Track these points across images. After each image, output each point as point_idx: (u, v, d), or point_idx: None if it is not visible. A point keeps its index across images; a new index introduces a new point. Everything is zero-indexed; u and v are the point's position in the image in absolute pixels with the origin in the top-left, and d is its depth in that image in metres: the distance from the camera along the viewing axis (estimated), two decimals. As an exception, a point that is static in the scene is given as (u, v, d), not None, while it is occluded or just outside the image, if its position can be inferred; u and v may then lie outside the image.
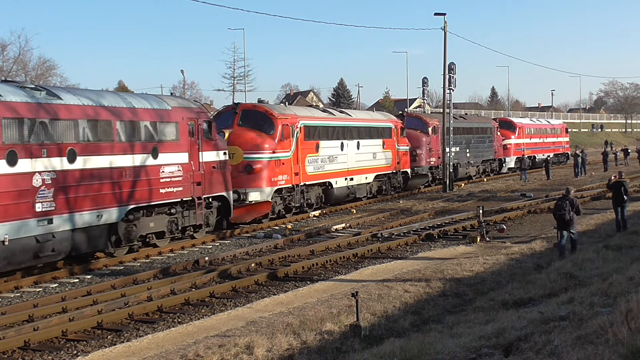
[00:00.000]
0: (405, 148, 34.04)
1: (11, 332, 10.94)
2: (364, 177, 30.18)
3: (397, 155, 32.96)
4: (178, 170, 19.44)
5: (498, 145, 46.22)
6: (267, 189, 23.72)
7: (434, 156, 37.54)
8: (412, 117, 38.60)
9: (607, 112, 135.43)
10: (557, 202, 17.17)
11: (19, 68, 61.44)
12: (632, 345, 6.54)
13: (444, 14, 36.86)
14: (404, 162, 33.96)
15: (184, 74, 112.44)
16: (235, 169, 22.92)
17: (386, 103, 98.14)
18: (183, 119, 19.81)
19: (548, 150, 54.06)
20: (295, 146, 25.23)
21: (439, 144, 37.57)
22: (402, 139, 33.67)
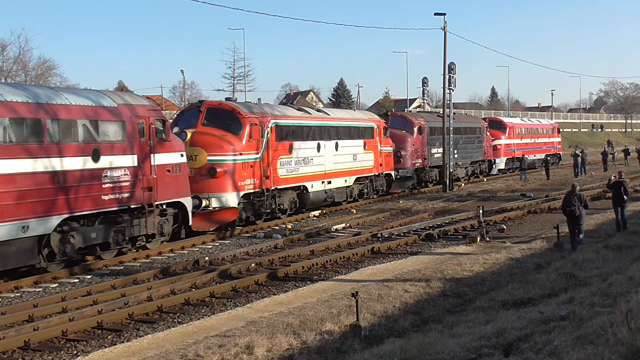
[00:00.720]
0: (388, 149, 32.38)
1: (11, 332, 10.94)
2: (343, 180, 28.51)
3: (380, 157, 31.35)
4: (125, 175, 17.42)
5: (488, 146, 44.93)
6: (232, 194, 21.92)
7: (419, 157, 35.94)
8: (396, 117, 36.93)
9: (607, 112, 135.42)
10: (565, 199, 17.79)
11: (19, 68, 61.48)
12: (632, 345, 6.55)
13: (444, 14, 36.91)
14: (387, 164, 32.27)
15: (184, 74, 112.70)
16: (198, 173, 21.43)
17: (386, 103, 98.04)
18: (131, 118, 17.80)
19: (540, 151, 53.01)
20: (265, 147, 23.48)
21: (425, 144, 36.36)
22: (386, 140, 32.10)
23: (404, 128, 35.60)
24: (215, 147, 21.90)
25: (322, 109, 30.46)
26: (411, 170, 35.27)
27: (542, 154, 52.16)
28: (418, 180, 36.48)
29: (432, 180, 37.81)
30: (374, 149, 30.91)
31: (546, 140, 55.69)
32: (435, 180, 38.07)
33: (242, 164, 22.39)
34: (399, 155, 34.10)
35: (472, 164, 42.95)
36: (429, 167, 37.11)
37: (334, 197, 28.04)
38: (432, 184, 37.61)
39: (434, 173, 38.03)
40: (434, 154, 37.52)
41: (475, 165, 43.37)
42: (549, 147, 55.95)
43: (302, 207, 26.40)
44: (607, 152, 50.19)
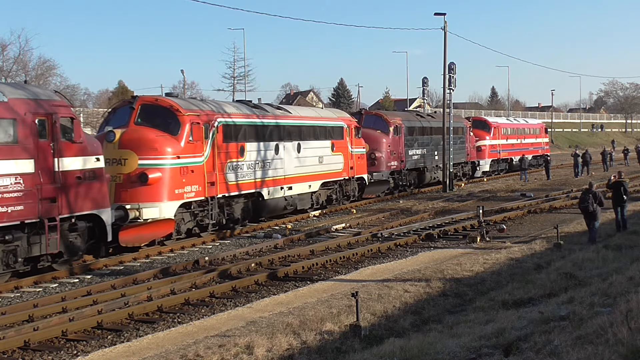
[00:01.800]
0: (361, 151, 29.86)
1: (11, 332, 10.93)
2: (306, 185, 25.93)
3: (351, 159, 28.81)
4: (16, 184, 14.44)
5: (471, 147, 42.50)
6: (167, 204, 19.18)
7: (395, 159, 33.23)
8: (370, 116, 34.26)
9: (607, 112, 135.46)
10: (581, 196, 18.78)
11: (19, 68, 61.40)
12: (632, 345, 6.55)
13: (444, 14, 36.87)
14: (360, 167, 29.70)
15: (184, 74, 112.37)
16: (127, 179, 18.78)
17: (386, 103, 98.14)
18: (26, 115, 14.88)
19: (526, 152, 50.22)
20: (210, 150, 20.79)
21: (402, 145, 33.86)
22: (358, 140, 29.59)
23: (379, 128, 33.16)
24: (148, 149, 19.15)
25: (284, 107, 27.56)
26: (386, 174, 32.71)
27: (529, 155, 50.43)
28: (395, 185, 33.94)
29: (410, 184, 35.49)
30: (343, 150, 28.43)
31: (533, 140, 53.56)
32: (414, 184, 35.92)
33: (180, 168, 19.60)
34: (373, 157, 31.64)
35: (454, 166, 39.85)
36: (406, 170, 34.69)
37: (296, 204, 25.52)
38: (410, 188, 35.34)
39: (412, 176, 35.68)
40: (412, 156, 35.23)
41: (457, 167, 40.52)
42: (537, 148, 53.89)
43: (258, 216, 23.97)
44: (607, 152, 50.15)
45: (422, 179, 36.65)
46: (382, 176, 32.25)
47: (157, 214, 18.95)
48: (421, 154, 36.04)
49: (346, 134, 28.78)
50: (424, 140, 36.55)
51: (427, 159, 36.77)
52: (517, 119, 57.59)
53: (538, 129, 55.46)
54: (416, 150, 35.53)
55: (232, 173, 21.81)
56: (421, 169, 36.38)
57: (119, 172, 18.79)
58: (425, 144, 36.67)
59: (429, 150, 36.99)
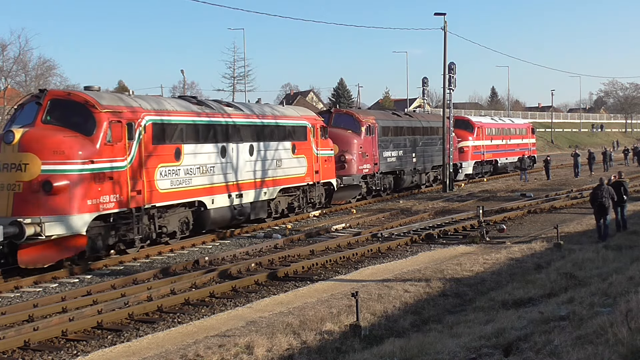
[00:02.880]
0: (328, 153, 27.31)
1: (11, 332, 10.94)
2: (261, 191, 23.27)
3: (317, 162, 26.25)
4: None
5: (453, 148, 39.30)
6: (77, 217, 16.20)
7: (368, 162, 30.49)
8: (341, 115, 31.44)
9: (607, 112, 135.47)
10: (594, 192, 19.24)
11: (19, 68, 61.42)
12: (632, 345, 6.55)
13: (444, 14, 36.86)
14: (328, 171, 27.14)
15: (183, 74, 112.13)
16: (28, 188, 15.86)
17: (386, 103, 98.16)
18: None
19: (512, 154, 48.36)
20: (137, 152, 17.93)
21: (376, 146, 31.15)
22: (324, 141, 27.03)
23: (350, 127, 30.44)
24: (54, 153, 16.21)
25: (234, 103, 24.36)
26: (358, 178, 29.92)
27: (515, 157, 48.05)
28: (367, 190, 31.28)
29: (385, 188, 32.89)
30: (307, 152, 25.80)
31: (519, 141, 50.79)
32: (389, 188, 33.36)
33: (94, 174, 16.72)
34: (342, 159, 28.96)
35: (434, 168, 37.75)
36: (380, 174, 31.84)
37: (248, 213, 22.85)
38: (385, 193, 32.88)
39: (387, 180, 33.00)
40: (387, 158, 32.48)
41: (437, 170, 38.03)
42: (523, 149, 50.77)
43: (201, 229, 21.07)
44: (608, 152, 50.15)
45: (399, 183, 34.01)
46: (352, 180, 29.53)
47: (64, 229, 16.06)
48: (397, 156, 33.34)
49: (310, 135, 26.17)
50: (401, 141, 33.89)
51: (404, 162, 34.10)
52: (502, 118, 55.07)
53: (524, 129, 52.86)
54: (392, 152, 32.86)
55: (165, 179, 18.93)
56: (398, 172, 33.75)
57: (18, 180, 15.92)
58: (402, 145, 33.97)
59: (407, 152, 34.38)
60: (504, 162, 47.43)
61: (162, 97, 22.91)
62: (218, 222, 21.52)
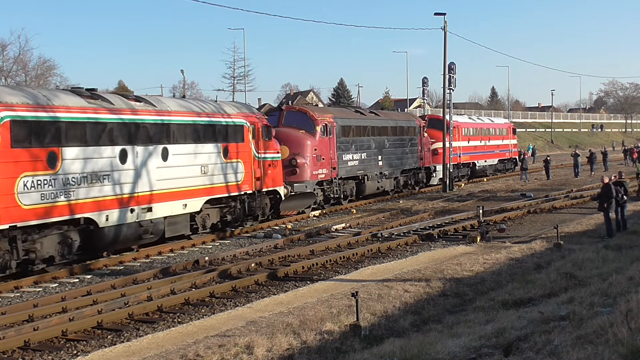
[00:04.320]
0: (273, 156, 23.85)
1: (11, 332, 10.94)
2: (180, 204, 19.39)
3: (258, 168, 22.78)
4: None
5: (425, 150, 36.32)
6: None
7: (324, 166, 26.94)
8: (293, 112, 27.81)
9: (607, 112, 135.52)
10: (606, 189, 19.31)
11: (19, 68, 61.51)
12: (632, 345, 6.55)
13: (444, 14, 36.88)
14: (273, 177, 23.74)
15: (183, 74, 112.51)
16: None
17: (386, 103, 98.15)
18: None
19: (492, 156, 45.15)
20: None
21: (334, 149, 27.62)
22: (268, 143, 23.57)
23: (303, 127, 26.81)
24: None
25: (146, 97, 19.80)
26: (312, 184, 26.34)
27: (495, 159, 45.82)
28: (324, 198, 27.62)
29: (345, 196, 29.33)
30: (244, 156, 22.23)
31: (499, 142, 47.26)
32: (350, 196, 29.77)
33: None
34: (293, 164, 25.59)
35: (404, 173, 34.23)
36: (339, 179, 28.23)
37: (162, 230, 19.02)
38: (346, 201, 29.40)
39: (348, 186, 29.35)
40: (347, 162, 28.78)
41: (407, 174, 34.72)
42: (503, 151, 47.82)
43: (95, 251, 17.58)
44: (608, 152, 50.15)
45: (362, 190, 30.30)
46: (305, 188, 25.97)
47: None
48: (360, 160, 29.65)
49: (249, 135, 22.49)
50: (365, 142, 30.23)
51: (368, 166, 30.35)
52: (481, 117, 51.43)
53: (505, 129, 49.22)
54: (353, 155, 29.18)
55: (32, 193, 15.15)
56: (360, 177, 30.00)
57: None
58: (366, 147, 30.25)
59: (371, 155, 30.68)
60: (483, 164, 44.16)
61: (38, 88, 18.50)
62: (116, 242, 17.80)
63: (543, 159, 46.23)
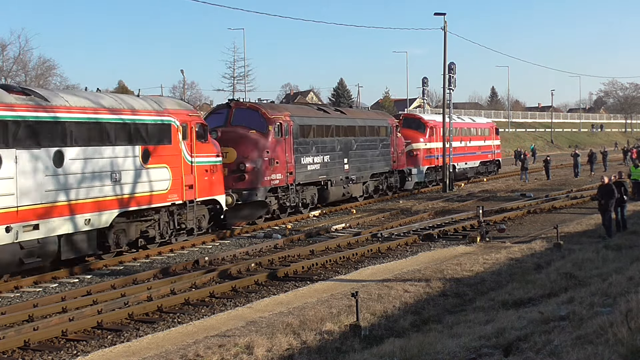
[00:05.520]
0: (211, 160, 20.64)
1: (11, 332, 10.94)
2: (80, 219, 16.15)
3: (191, 174, 19.61)
4: None
5: (399, 152, 33.28)
6: None
7: (279, 171, 24.08)
8: (243, 110, 24.43)
9: (607, 112, 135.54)
10: (608, 189, 19.19)
11: (19, 68, 61.53)
12: (632, 345, 6.55)
13: (444, 14, 36.88)
14: (212, 185, 20.61)
15: (183, 74, 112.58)
16: None
17: (386, 103, 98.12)
18: None
19: (473, 157, 42.09)
20: None
21: (291, 151, 24.81)
22: (206, 145, 20.40)
23: (255, 126, 23.91)
24: None
25: (36, 90, 16.71)
26: (263, 192, 23.38)
27: (476, 161, 43.03)
28: (280, 207, 24.70)
29: (305, 204, 26.30)
30: (171, 160, 18.97)
31: (481, 143, 44.04)
32: (312, 204, 26.76)
33: None
34: (242, 168, 22.90)
35: (374, 177, 31.45)
36: (297, 185, 25.40)
37: (55, 252, 15.80)
38: (307, 210, 26.46)
39: (308, 193, 26.44)
40: (307, 166, 25.92)
41: (378, 178, 31.90)
42: (485, 152, 44.68)
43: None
44: (607, 152, 50.14)
45: (325, 196, 27.42)
46: (255, 196, 23.07)
47: None
48: (322, 163, 26.82)
49: (179, 136, 19.27)
50: (328, 143, 27.38)
51: (331, 170, 27.50)
52: (461, 117, 47.68)
53: (487, 129, 46.07)
54: (314, 158, 26.35)
55: None
56: (322, 183, 27.07)
57: None
58: (330, 149, 27.41)
59: (335, 158, 27.83)
60: (463, 167, 40.97)
61: None
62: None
63: (543, 159, 46.21)
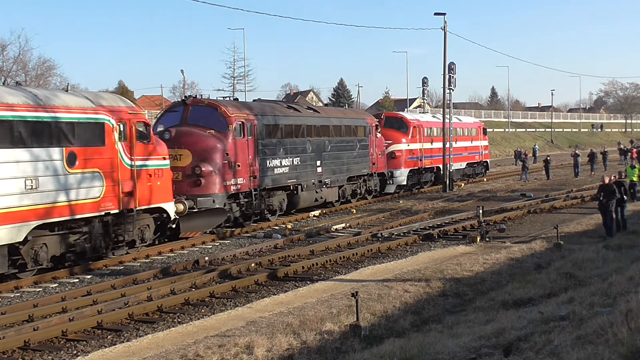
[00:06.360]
0: (157, 164, 18.48)
1: (11, 332, 10.94)
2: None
3: (131, 179, 17.38)
4: None
5: (378, 154, 31.36)
6: None
7: (241, 175, 21.99)
8: (200, 108, 22.37)
9: (607, 112, 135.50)
10: (609, 189, 19.24)
11: (19, 68, 61.47)
12: (632, 345, 6.55)
13: (444, 14, 36.86)
14: (157, 191, 18.36)
15: (183, 74, 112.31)
16: None
17: (386, 103, 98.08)
18: None
19: (459, 159, 39.26)
20: None
21: (254, 153, 22.73)
22: (149, 147, 18.22)
23: (212, 126, 21.84)
24: None
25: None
26: (221, 198, 21.28)
27: (463, 163, 40.55)
28: (242, 214, 22.76)
29: (272, 210, 24.30)
30: (105, 164, 16.65)
31: (468, 144, 41.38)
32: (280, 210, 24.83)
33: None
34: (197, 173, 20.74)
35: (352, 180, 29.45)
36: (263, 190, 23.48)
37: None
38: (274, 216, 24.45)
39: (275, 199, 24.35)
40: (274, 169, 23.91)
41: (356, 182, 29.93)
42: (472, 154, 42.35)
43: None
44: (608, 152, 50.08)
45: (295, 202, 25.51)
46: (212, 202, 20.96)
47: None
48: (291, 166, 24.86)
49: (113, 136, 16.95)
50: (298, 144, 25.43)
51: (302, 173, 25.62)
52: None
53: (474, 129, 43.66)
54: (282, 160, 24.34)
55: None
56: (292, 187, 25.08)
57: None
58: (300, 151, 25.52)
59: (307, 160, 25.95)
60: None
61: None
62: None
63: (543, 159, 46.18)
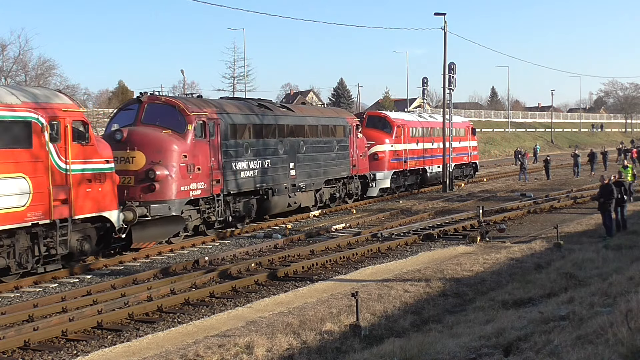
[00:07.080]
0: (98, 167, 16.49)
1: (11, 332, 10.94)
2: None
3: (66, 184, 15.47)
4: None
5: (360, 155, 29.73)
6: None
7: (201, 179, 20.19)
8: (156, 106, 20.42)
9: (607, 112, 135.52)
10: (608, 189, 19.31)
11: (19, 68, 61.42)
12: (632, 345, 6.55)
13: (444, 13, 36.83)
14: (98, 198, 16.43)
15: (183, 74, 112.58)
16: None
17: (386, 103, 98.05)
18: None
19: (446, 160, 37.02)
20: None
21: (218, 154, 21.01)
22: (89, 148, 16.28)
23: (169, 125, 20.02)
24: None
25: None
26: (178, 205, 19.46)
27: (452, 164, 38.28)
28: (204, 222, 21.03)
29: (238, 217, 22.54)
30: (31, 169, 14.69)
31: (456, 144, 38.99)
32: (248, 217, 23.18)
33: None
34: (152, 177, 18.87)
35: (330, 183, 27.83)
36: (228, 196, 21.64)
37: None
38: (242, 224, 22.82)
39: (243, 205, 22.58)
40: (241, 172, 22.05)
41: (335, 185, 28.28)
42: (460, 155, 40.32)
43: None
44: (608, 152, 50.05)
45: (266, 208, 23.73)
46: (168, 209, 19.10)
47: None
48: (261, 169, 23.08)
49: (44, 137, 15.03)
50: (269, 146, 23.66)
51: (274, 177, 23.84)
52: (433, 115, 42.57)
53: (462, 129, 41.87)
54: (250, 163, 22.53)
55: None
56: (261, 192, 23.32)
57: None
58: (271, 152, 23.75)
59: (278, 163, 24.18)
60: (436, 171, 36.89)
61: None
62: None
63: (543, 158, 46.19)
